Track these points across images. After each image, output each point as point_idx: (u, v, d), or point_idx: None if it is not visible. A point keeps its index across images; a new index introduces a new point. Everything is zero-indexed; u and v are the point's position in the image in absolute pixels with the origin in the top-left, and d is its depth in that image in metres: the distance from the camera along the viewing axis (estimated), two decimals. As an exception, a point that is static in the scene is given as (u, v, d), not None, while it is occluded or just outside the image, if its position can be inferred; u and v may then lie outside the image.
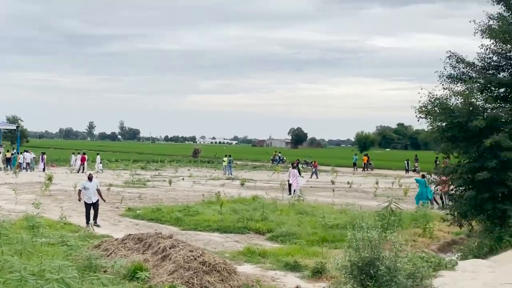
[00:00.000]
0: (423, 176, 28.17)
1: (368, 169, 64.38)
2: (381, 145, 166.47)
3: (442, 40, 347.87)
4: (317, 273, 12.86)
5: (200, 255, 11.83)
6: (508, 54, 16.68)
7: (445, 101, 15.87)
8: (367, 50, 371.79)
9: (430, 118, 16.10)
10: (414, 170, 58.56)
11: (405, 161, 63.21)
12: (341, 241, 17.22)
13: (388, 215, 17.20)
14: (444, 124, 15.81)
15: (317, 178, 48.95)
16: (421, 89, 16.17)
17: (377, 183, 39.64)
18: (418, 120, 16.34)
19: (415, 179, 31.61)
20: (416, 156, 66.86)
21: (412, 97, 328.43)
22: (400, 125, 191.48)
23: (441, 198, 27.36)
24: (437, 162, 56.31)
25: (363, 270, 8.49)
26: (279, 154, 77.65)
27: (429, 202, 27.34)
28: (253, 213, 21.49)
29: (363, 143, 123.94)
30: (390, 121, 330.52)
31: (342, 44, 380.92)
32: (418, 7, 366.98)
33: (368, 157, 68.07)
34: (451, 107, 15.60)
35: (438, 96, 15.99)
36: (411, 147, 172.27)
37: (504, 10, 16.63)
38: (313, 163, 54.77)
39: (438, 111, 15.77)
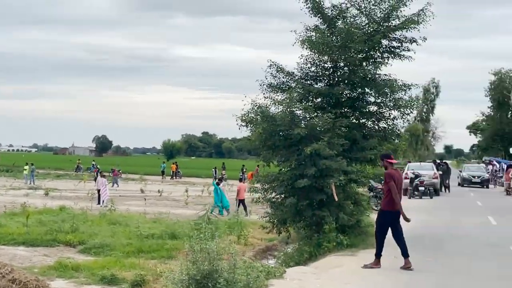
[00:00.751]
0: (218, 183, 28.59)
1: (177, 177, 64.54)
2: (187, 153, 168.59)
3: (245, 52, 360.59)
4: (137, 285, 12.33)
5: (9, 272, 10.73)
6: (324, 65, 17.32)
7: (266, 109, 16.07)
8: (172, 59, 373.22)
9: (251, 126, 16.23)
10: (221, 178, 59.51)
11: (213, 169, 64.07)
12: (157, 251, 16.86)
13: (205, 223, 17.04)
14: (265, 132, 15.98)
15: (117, 186, 47.78)
16: (245, 96, 16.29)
17: (186, 191, 39.64)
18: (239, 129, 16.43)
19: (212, 183, 31.92)
20: (224, 164, 68.25)
21: (216, 106, 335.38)
22: (205, 133, 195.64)
23: (241, 206, 27.96)
24: (244, 170, 58.16)
25: (201, 284, 8.16)
26: (93, 162, 74.60)
27: (221, 208, 27.39)
28: (62, 224, 20.32)
29: (170, 151, 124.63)
30: (195, 130, 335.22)
31: (147, 52, 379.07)
32: (222, 19, 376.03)
33: (177, 165, 68.27)
34: (273, 116, 15.83)
35: (260, 105, 16.15)
36: (215, 155, 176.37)
37: (320, 23, 17.26)
38: (113, 171, 53.14)
39: (259, 119, 15.93)
